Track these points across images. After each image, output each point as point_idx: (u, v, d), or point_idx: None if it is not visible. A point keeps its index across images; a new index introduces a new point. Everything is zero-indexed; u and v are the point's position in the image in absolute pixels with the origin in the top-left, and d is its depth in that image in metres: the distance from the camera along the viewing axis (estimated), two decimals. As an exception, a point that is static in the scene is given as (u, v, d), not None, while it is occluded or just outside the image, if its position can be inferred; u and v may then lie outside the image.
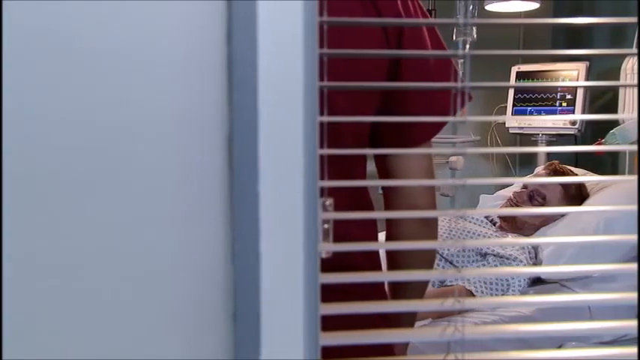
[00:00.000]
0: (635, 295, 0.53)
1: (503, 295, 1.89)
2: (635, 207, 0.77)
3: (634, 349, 0.51)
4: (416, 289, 0.94)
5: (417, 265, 0.87)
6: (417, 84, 0.53)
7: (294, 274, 0.38)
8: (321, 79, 0.48)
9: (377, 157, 0.91)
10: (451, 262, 2.03)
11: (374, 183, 0.48)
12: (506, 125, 2.98)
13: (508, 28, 3.46)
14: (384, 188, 0.91)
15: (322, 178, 0.48)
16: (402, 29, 0.84)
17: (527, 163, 3.33)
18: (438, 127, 0.91)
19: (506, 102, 2.97)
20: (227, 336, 0.38)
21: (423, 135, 0.88)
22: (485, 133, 3.28)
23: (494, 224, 2.28)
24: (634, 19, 0.61)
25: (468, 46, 2.64)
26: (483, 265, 2.00)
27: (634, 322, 0.52)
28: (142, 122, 0.38)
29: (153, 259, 0.39)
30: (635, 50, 0.56)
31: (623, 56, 2.61)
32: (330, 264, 0.81)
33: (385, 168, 0.89)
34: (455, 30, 3.31)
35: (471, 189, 3.11)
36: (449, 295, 2.02)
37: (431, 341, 0.50)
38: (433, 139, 0.92)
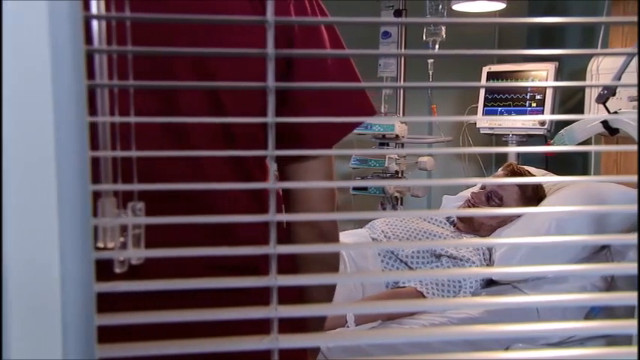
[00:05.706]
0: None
1: (455, 296, 1.88)
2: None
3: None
4: (323, 294, 0.91)
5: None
6: (202, 83, 0.52)
7: (49, 282, 0.36)
8: (120, 77, 0.46)
9: (278, 161, 0.85)
10: (406, 263, 2.00)
11: (152, 187, 0.46)
12: (477, 125, 2.97)
13: (483, 28, 3.45)
14: (283, 193, 0.86)
15: (115, 181, 0.46)
16: (293, 28, 0.80)
17: (503, 162, 3.32)
18: (338, 133, 0.84)
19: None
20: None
21: (321, 141, 0.81)
22: (457, 133, 3.27)
23: (454, 225, 2.25)
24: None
25: (437, 46, 2.61)
26: (437, 266, 1.98)
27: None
28: None
29: None
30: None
31: (590, 57, 2.61)
32: (230, 265, 0.78)
33: (283, 173, 0.84)
34: (425, 30, 3.28)
35: (441, 189, 3.10)
36: (400, 297, 2.00)
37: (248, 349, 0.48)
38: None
